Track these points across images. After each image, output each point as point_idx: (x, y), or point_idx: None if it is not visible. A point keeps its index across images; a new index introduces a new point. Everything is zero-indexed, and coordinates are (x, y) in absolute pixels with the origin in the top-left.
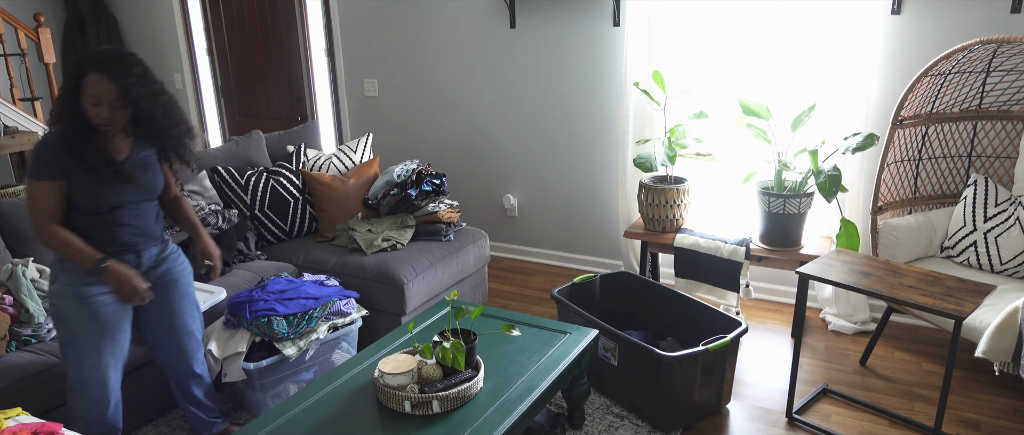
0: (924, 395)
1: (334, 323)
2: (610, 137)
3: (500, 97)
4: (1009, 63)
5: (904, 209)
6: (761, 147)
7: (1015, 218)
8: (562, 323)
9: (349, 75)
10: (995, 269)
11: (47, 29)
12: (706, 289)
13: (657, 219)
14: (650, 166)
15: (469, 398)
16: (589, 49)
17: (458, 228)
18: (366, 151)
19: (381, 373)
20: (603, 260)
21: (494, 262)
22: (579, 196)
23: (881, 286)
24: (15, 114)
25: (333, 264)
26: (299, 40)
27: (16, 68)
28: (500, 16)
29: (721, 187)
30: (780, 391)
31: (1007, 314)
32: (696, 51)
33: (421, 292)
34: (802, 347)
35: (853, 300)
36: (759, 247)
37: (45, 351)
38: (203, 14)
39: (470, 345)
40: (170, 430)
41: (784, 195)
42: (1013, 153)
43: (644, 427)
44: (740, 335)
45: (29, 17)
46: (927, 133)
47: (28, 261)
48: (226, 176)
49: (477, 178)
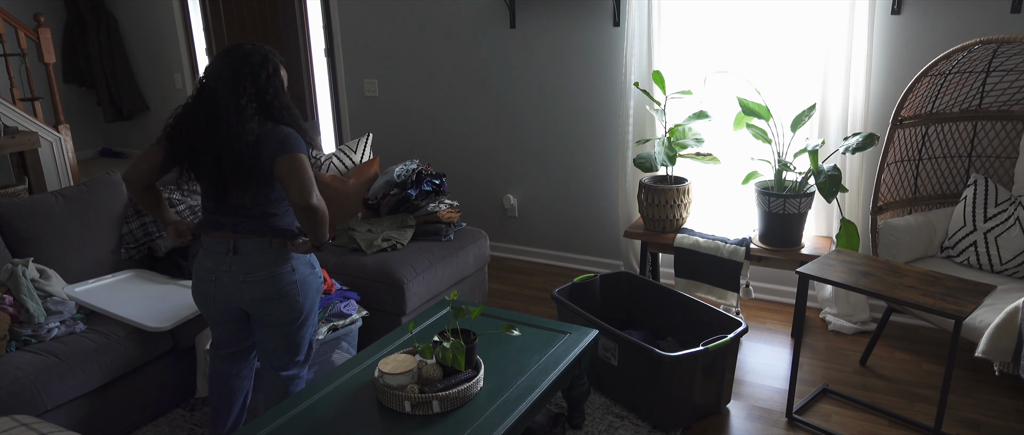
0: (924, 395)
1: (334, 324)
2: (610, 137)
3: (500, 97)
4: (1009, 63)
5: (904, 209)
6: (761, 147)
7: (1015, 218)
8: (562, 323)
9: (349, 75)
10: (995, 269)
11: (47, 29)
12: (706, 289)
13: (657, 219)
14: (650, 166)
15: (469, 398)
16: (589, 49)
17: (458, 228)
18: (366, 151)
19: (381, 373)
20: (603, 260)
21: (494, 262)
22: (579, 196)
23: (881, 286)
24: (15, 114)
25: (333, 264)
26: (299, 40)
27: (16, 68)
28: (500, 16)
29: (721, 187)
30: (780, 391)
31: (1007, 314)
32: (696, 51)
33: (421, 292)
34: (802, 347)
35: (853, 300)
36: (759, 247)
37: (45, 351)
38: (203, 14)
39: (470, 345)
40: (170, 430)
41: (784, 195)
42: (1013, 153)
43: (644, 427)
44: (740, 335)
45: (29, 17)
46: (927, 133)
47: (28, 261)
48: None
49: (477, 178)
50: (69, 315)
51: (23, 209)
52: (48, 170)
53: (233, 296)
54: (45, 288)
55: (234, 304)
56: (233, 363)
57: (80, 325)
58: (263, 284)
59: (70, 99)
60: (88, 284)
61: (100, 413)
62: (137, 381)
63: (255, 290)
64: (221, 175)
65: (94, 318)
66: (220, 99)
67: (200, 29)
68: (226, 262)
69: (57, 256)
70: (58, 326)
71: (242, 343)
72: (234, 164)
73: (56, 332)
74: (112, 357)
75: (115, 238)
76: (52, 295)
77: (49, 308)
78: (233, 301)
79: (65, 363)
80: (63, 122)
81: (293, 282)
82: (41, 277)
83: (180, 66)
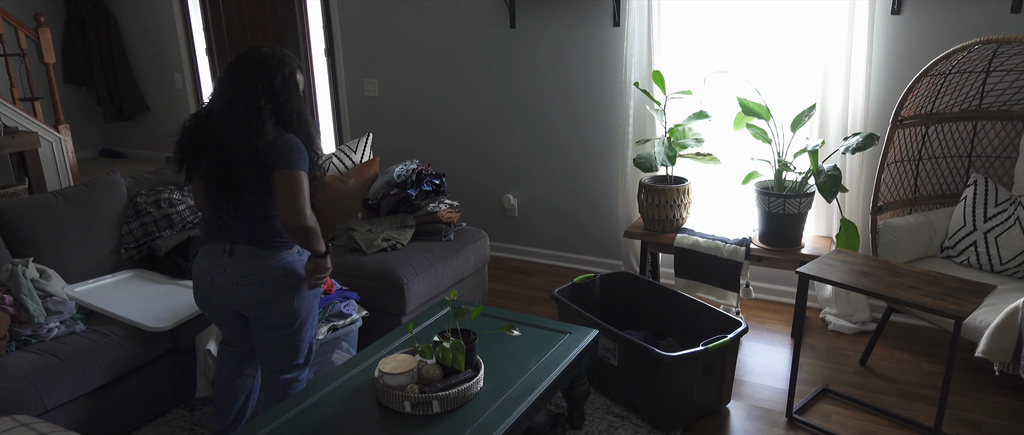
0: (924, 395)
1: (334, 324)
2: (610, 137)
3: (500, 97)
4: (1009, 63)
5: (904, 209)
6: (761, 147)
7: (1015, 218)
8: (562, 323)
9: (349, 75)
10: (995, 269)
11: (47, 29)
12: (706, 289)
13: (657, 219)
14: (650, 166)
15: (469, 398)
16: (589, 49)
17: (458, 228)
18: (366, 151)
19: (381, 373)
20: (603, 260)
21: (494, 262)
22: (579, 196)
23: (881, 286)
24: (15, 114)
25: (333, 264)
26: (299, 40)
27: (16, 68)
28: (500, 16)
29: (721, 187)
30: (780, 391)
31: (1007, 314)
32: (696, 51)
33: (421, 292)
34: (802, 347)
35: (853, 300)
36: (759, 247)
37: (45, 351)
38: (203, 14)
39: (470, 345)
40: (170, 430)
41: (784, 195)
42: (1013, 153)
43: (644, 427)
44: (740, 335)
45: (29, 17)
46: (927, 133)
47: (28, 261)
48: None
49: (477, 178)
50: (69, 315)
51: (23, 209)
52: (48, 170)
53: (229, 298)
54: (45, 288)
55: (230, 306)
56: (241, 361)
57: (80, 325)
58: (258, 287)
59: (70, 99)
60: (88, 284)
61: (100, 413)
62: (137, 381)
63: (250, 293)
64: (226, 176)
65: (94, 318)
66: (236, 101)
67: (200, 29)
68: (222, 264)
69: (57, 256)
70: (58, 326)
71: (248, 342)
72: (240, 166)
73: (56, 332)
74: (112, 357)
75: (115, 238)
76: (52, 295)
77: (49, 308)
78: (228, 303)
79: (65, 363)
80: (63, 122)
81: (288, 286)
82: (41, 277)
83: (180, 66)
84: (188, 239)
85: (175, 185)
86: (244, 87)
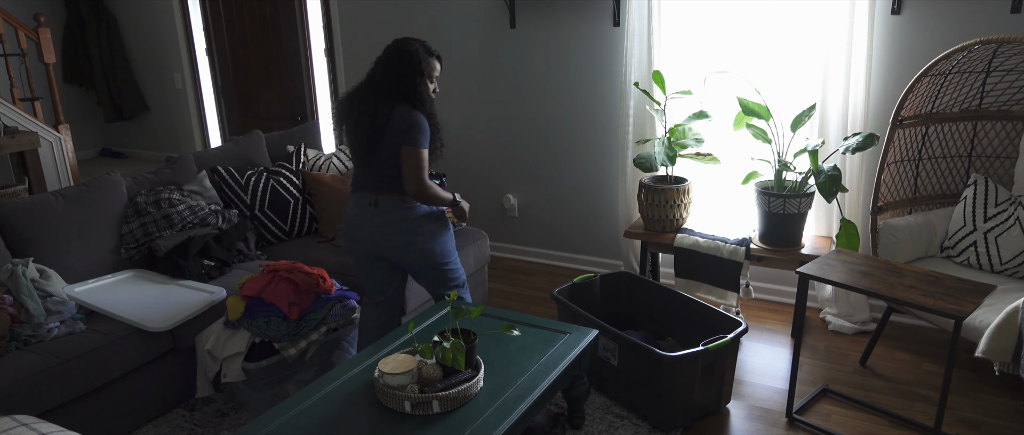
0: (924, 395)
1: (334, 325)
2: (610, 137)
3: (500, 97)
4: (1009, 63)
5: (904, 209)
6: (761, 147)
7: (1015, 218)
8: (562, 323)
9: (349, 75)
10: (995, 269)
11: (47, 29)
12: (706, 289)
13: (657, 219)
14: (650, 166)
15: (469, 398)
16: (589, 49)
17: (458, 228)
18: None
19: (381, 373)
20: (603, 260)
21: (494, 262)
22: (579, 196)
23: (881, 286)
24: (15, 114)
25: (333, 264)
26: (299, 40)
27: (16, 68)
28: (500, 16)
29: (721, 187)
30: (780, 391)
31: (1007, 314)
32: (696, 51)
33: (421, 292)
34: (802, 347)
35: (853, 300)
36: (759, 247)
37: (45, 351)
38: (203, 14)
39: (470, 345)
40: (170, 430)
41: (784, 195)
42: (1013, 153)
43: (644, 427)
44: (740, 335)
45: (29, 17)
46: (927, 133)
47: (28, 261)
48: (226, 176)
49: (477, 178)
50: (69, 315)
51: (23, 209)
52: (48, 170)
53: (375, 241)
54: (45, 288)
55: (375, 250)
56: (381, 311)
57: (80, 325)
58: (398, 233)
59: (70, 99)
60: (88, 284)
61: (100, 413)
62: (137, 381)
63: (392, 238)
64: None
65: (94, 318)
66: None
67: (200, 29)
68: (368, 213)
69: (57, 256)
70: (58, 326)
71: (387, 292)
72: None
73: (56, 332)
74: (112, 357)
75: (115, 238)
76: (52, 295)
77: (49, 308)
78: (375, 246)
79: (65, 363)
80: (63, 122)
81: (424, 233)
82: (41, 277)
83: (180, 66)
84: (188, 239)
85: (175, 185)
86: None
